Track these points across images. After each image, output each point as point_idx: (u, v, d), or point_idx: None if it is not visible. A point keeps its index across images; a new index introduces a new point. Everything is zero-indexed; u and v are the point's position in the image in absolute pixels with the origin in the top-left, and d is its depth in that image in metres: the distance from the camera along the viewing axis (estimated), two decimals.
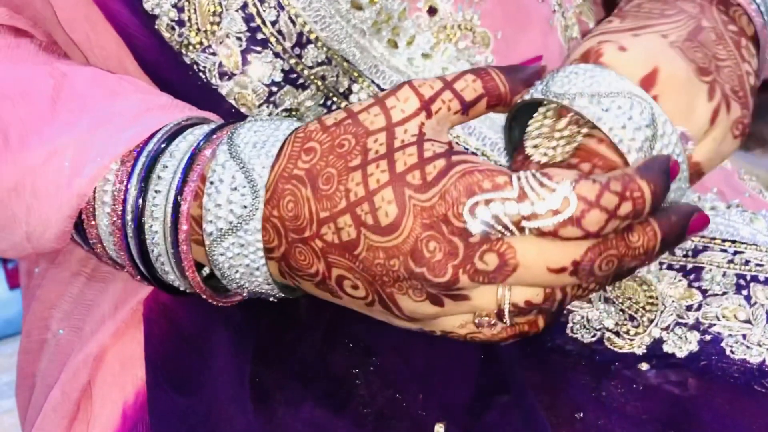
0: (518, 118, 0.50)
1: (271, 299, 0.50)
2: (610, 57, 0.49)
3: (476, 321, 0.45)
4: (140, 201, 0.47)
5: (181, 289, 0.50)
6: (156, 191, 0.47)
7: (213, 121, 0.51)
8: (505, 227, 0.41)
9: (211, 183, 0.46)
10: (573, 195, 0.41)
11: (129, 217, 0.48)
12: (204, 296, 0.49)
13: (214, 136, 0.48)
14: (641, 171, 0.43)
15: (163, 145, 0.48)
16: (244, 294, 0.50)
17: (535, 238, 0.42)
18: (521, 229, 0.41)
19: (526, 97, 0.48)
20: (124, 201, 0.47)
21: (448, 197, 0.42)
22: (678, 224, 0.44)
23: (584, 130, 0.48)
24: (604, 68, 0.48)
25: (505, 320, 0.44)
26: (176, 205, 0.47)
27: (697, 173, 0.50)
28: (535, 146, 0.48)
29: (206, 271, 0.50)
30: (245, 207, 0.45)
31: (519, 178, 0.41)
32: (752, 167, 1.61)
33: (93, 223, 0.49)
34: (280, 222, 0.45)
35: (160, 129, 0.49)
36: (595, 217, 0.41)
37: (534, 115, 0.49)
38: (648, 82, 0.48)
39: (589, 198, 0.41)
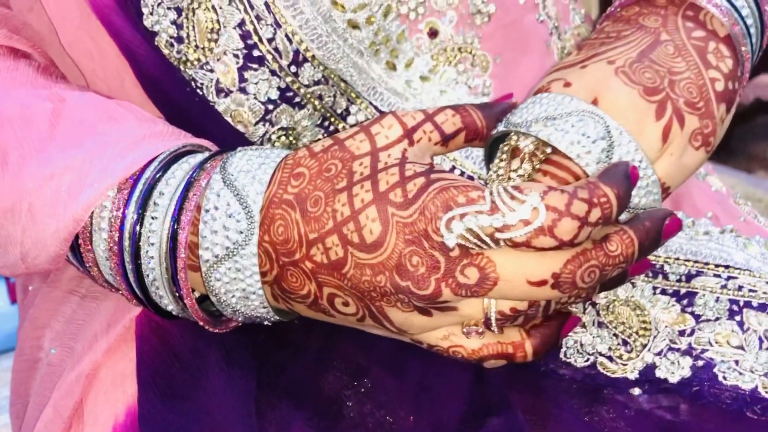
0: (493, 152, 0.52)
1: (265, 323, 0.50)
2: (557, 89, 0.51)
3: (464, 330, 0.46)
4: (137, 228, 0.48)
5: (174, 313, 0.50)
6: (153, 217, 0.48)
7: (207, 148, 0.52)
8: (480, 240, 0.42)
9: (207, 211, 0.47)
10: (542, 205, 0.42)
11: (126, 243, 0.48)
12: (201, 323, 0.50)
13: (208, 165, 0.49)
14: (603, 178, 0.44)
15: (158, 174, 0.48)
16: (239, 319, 0.50)
17: (514, 251, 0.43)
18: (496, 242, 0.42)
19: (494, 132, 0.51)
20: (122, 227, 0.48)
21: (427, 213, 0.43)
22: (653, 229, 0.45)
23: (543, 157, 0.50)
24: (558, 93, 0.50)
25: (492, 328, 0.45)
26: (174, 234, 0.47)
27: (663, 190, 0.51)
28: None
29: (196, 294, 0.50)
30: (240, 233, 0.46)
31: (491, 193, 0.43)
32: (755, 189, 1.61)
33: (89, 247, 0.49)
34: (271, 246, 0.46)
35: (156, 157, 0.49)
36: (567, 225, 0.42)
37: (496, 155, 0.51)
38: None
39: (559, 207, 0.42)
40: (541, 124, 0.49)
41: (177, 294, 0.48)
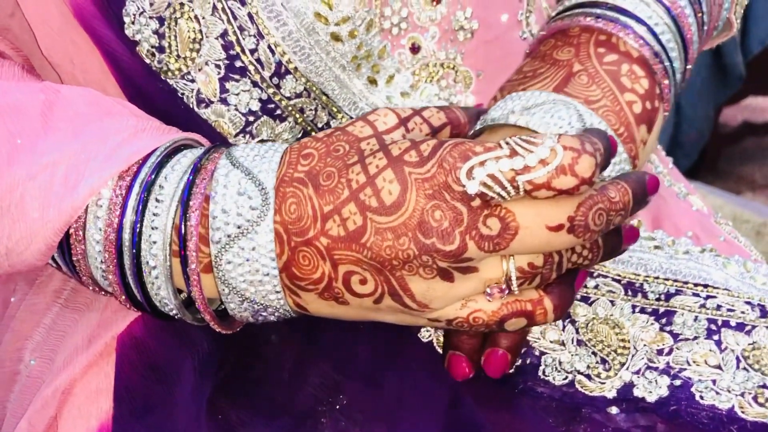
0: None
1: (271, 318, 0.49)
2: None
3: (487, 290, 0.45)
4: (140, 209, 0.46)
5: (169, 309, 0.48)
6: (158, 200, 0.46)
7: (203, 145, 0.51)
8: (501, 186, 0.43)
9: (216, 192, 0.46)
10: (558, 146, 0.43)
11: (127, 229, 0.46)
12: (207, 317, 0.48)
13: (214, 154, 0.48)
14: (592, 136, 0.46)
15: (164, 160, 0.47)
16: (245, 315, 0.48)
17: (530, 201, 0.44)
18: (516, 188, 0.43)
19: (475, 129, 0.53)
20: (123, 212, 0.46)
21: (446, 164, 0.44)
22: (640, 181, 0.47)
23: None
24: (527, 90, 0.53)
25: (513, 287, 0.45)
26: (184, 211, 0.46)
27: None
28: None
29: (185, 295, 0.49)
30: (254, 209, 0.45)
31: (507, 142, 0.44)
32: (742, 210, 1.61)
33: (81, 238, 0.47)
34: (282, 227, 0.45)
35: (158, 147, 0.48)
36: (586, 161, 0.43)
37: None
38: None
39: (576, 146, 0.43)
40: (517, 114, 0.51)
41: (177, 289, 0.47)
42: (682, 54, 0.56)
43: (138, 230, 0.46)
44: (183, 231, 0.46)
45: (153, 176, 0.47)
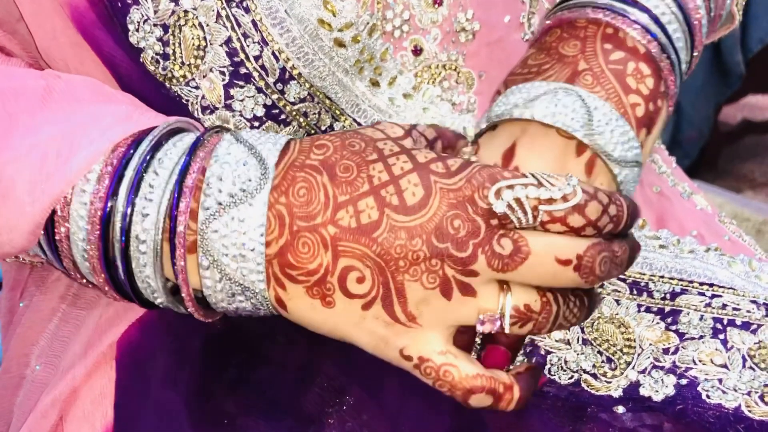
0: None
1: (246, 306, 0.47)
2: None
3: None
4: (136, 181, 0.45)
5: (150, 291, 0.47)
6: (156, 173, 0.45)
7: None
8: (524, 211, 0.44)
9: (215, 161, 0.45)
10: (578, 187, 0.45)
11: (121, 196, 0.45)
12: (185, 295, 0.46)
13: (219, 134, 0.48)
14: (621, 198, 0.47)
15: (164, 136, 0.46)
16: (219, 297, 0.46)
17: (543, 232, 0.45)
18: (535, 217, 0.44)
19: (481, 128, 0.54)
20: (113, 184, 0.45)
21: (474, 181, 0.45)
22: (635, 247, 0.48)
23: None
24: (527, 82, 0.53)
25: (505, 324, 0.45)
26: (179, 183, 0.45)
27: None
28: None
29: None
30: (250, 180, 0.45)
31: (533, 174, 0.45)
32: (742, 209, 1.62)
33: (66, 215, 0.46)
34: (287, 209, 0.45)
35: (157, 126, 0.47)
36: (594, 207, 0.45)
37: None
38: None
39: (590, 191, 0.45)
40: (521, 107, 0.51)
41: (165, 278, 0.46)
42: (689, 42, 0.55)
43: (132, 201, 0.45)
44: (176, 196, 0.44)
45: (152, 151, 0.45)
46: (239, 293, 0.46)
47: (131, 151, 0.45)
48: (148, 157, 0.45)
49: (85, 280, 0.49)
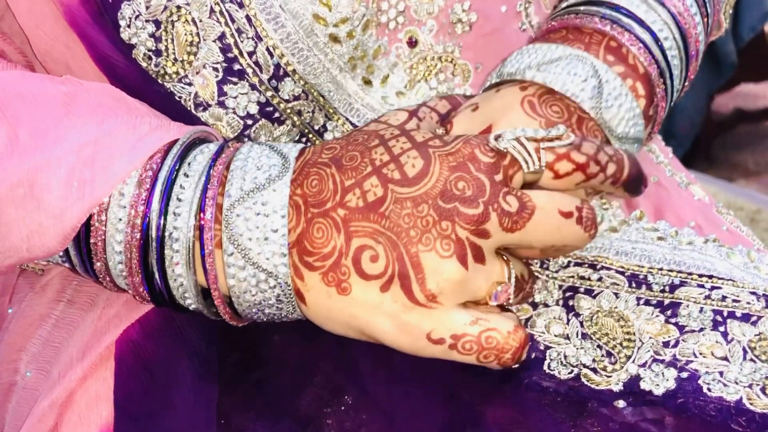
0: None
1: (271, 295, 0.47)
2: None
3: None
4: (168, 186, 0.47)
5: (183, 290, 0.48)
6: (186, 175, 0.47)
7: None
8: (528, 152, 0.47)
9: (238, 158, 0.48)
10: (568, 131, 0.48)
11: (158, 190, 0.46)
12: (212, 290, 0.47)
13: (239, 142, 0.50)
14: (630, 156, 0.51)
15: (190, 146, 0.48)
16: (243, 287, 0.47)
17: (541, 191, 0.47)
18: (539, 158, 0.47)
19: (490, 82, 0.56)
20: (151, 192, 0.46)
21: (472, 140, 0.47)
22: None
23: None
24: (546, 42, 0.55)
25: (510, 295, 0.47)
26: (207, 179, 0.47)
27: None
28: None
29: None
30: (273, 166, 0.47)
31: (524, 129, 0.48)
32: (736, 197, 1.62)
33: (103, 220, 0.47)
34: (302, 199, 0.47)
35: (181, 138, 0.49)
36: (589, 145, 0.49)
37: None
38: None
39: (578, 135, 0.49)
40: (534, 69, 0.53)
41: (196, 281, 0.47)
42: (684, 73, 0.58)
43: (168, 195, 0.47)
44: (204, 188, 0.47)
45: (181, 158, 0.47)
46: (263, 281, 0.47)
47: (164, 158, 0.47)
48: (177, 164, 0.47)
49: (112, 283, 0.49)
